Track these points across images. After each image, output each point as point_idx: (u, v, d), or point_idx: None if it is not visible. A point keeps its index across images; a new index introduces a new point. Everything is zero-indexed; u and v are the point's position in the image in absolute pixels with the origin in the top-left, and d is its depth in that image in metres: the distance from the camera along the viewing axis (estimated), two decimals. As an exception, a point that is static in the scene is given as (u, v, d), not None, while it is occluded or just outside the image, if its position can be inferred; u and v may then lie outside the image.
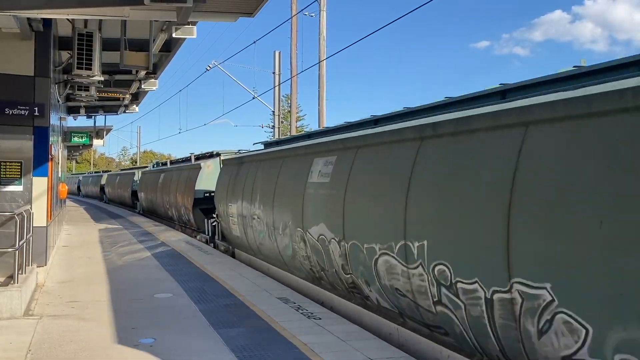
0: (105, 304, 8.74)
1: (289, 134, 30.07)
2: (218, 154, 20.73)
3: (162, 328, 7.28)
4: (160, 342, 6.67)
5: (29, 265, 9.48)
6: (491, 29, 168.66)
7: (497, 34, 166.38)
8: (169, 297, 9.23)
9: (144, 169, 35.76)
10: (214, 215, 17.58)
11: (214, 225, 17.79)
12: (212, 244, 17.96)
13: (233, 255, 15.44)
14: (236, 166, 15.14)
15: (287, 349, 6.40)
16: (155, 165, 34.63)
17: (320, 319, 7.78)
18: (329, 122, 29.23)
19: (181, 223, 23.65)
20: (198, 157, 23.65)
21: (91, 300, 9.02)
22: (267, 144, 14.83)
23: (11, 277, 8.45)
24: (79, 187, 66.06)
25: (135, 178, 35.51)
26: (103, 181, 49.76)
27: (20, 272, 8.43)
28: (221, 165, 17.83)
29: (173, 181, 23.92)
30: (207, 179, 19.67)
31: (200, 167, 20.34)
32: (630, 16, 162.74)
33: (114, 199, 44.36)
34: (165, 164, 31.24)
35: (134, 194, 35.43)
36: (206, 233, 18.90)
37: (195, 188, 20.03)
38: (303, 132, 14.44)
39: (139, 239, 18.23)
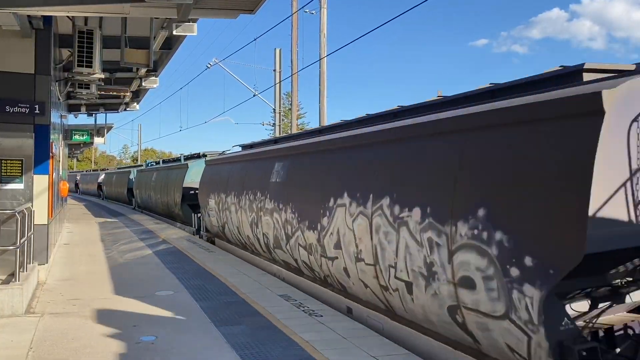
0: (107, 301, 8.74)
1: (289, 131, 30.03)
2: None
3: (163, 326, 7.28)
4: (161, 339, 6.67)
5: (30, 263, 9.48)
6: (490, 27, 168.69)
7: (495, 32, 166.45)
8: (170, 295, 9.24)
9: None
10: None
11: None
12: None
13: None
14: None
15: (288, 346, 6.39)
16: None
17: (321, 316, 7.78)
18: (330, 120, 29.22)
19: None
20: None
21: (92, 297, 9.03)
22: (244, 147, 16.03)
23: (13, 274, 8.46)
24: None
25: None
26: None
27: (21, 270, 8.43)
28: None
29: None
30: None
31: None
32: (628, 14, 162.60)
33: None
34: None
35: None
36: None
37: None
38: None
39: (140, 237, 18.24)
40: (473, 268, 5.39)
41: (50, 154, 10.66)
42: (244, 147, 16.03)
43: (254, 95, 28.61)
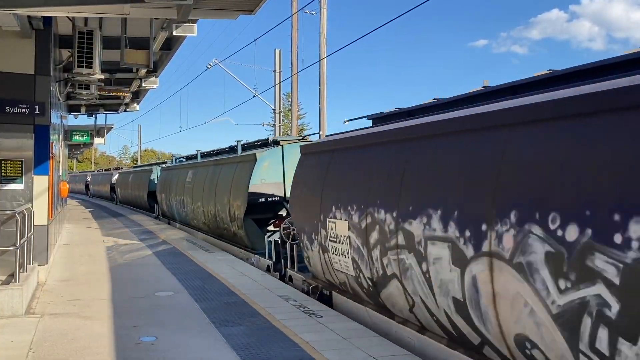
0: (107, 302, 8.74)
1: (289, 132, 30.01)
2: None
3: (164, 326, 7.27)
4: (162, 340, 6.66)
5: (30, 264, 9.47)
6: (489, 28, 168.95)
7: (495, 33, 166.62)
8: (170, 295, 9.23)
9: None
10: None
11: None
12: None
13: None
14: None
15: (289, 347, 6.39)
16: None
17: (321, 317, 7.78)
18: (329, 120, 29.18)
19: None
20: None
21: (92, 298, 9.02)
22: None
23: (12, 275, 8.45)
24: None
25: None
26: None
27: (21, 270, 8.43)
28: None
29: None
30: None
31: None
32: (627, 14, 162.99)
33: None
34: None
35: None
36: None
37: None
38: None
39: (140, 237, 18.23)
40: None
41: (50, 154, 10.66)
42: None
43: (254, 96, 28.64)
